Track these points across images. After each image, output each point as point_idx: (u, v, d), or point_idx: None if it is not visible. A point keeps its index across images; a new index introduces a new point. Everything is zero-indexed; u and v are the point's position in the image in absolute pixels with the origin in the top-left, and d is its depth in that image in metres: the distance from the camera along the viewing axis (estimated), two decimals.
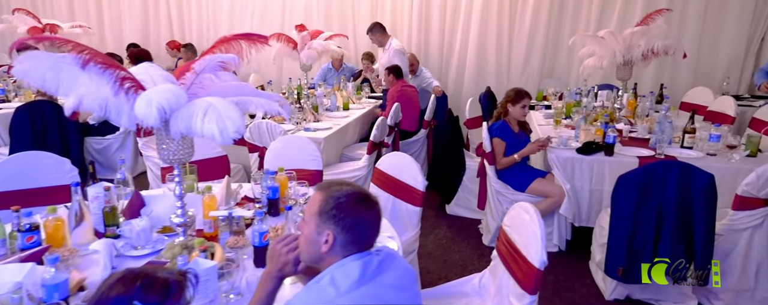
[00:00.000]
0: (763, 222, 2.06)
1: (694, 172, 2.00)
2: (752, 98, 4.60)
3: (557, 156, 2.74)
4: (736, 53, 4.79)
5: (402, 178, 2.05)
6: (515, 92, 2.85)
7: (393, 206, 2.09)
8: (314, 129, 3.28)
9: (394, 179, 2.09)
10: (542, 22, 5.22)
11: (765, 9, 4.62)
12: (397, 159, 2.10)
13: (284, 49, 4.02)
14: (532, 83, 5.39)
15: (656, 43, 3.31)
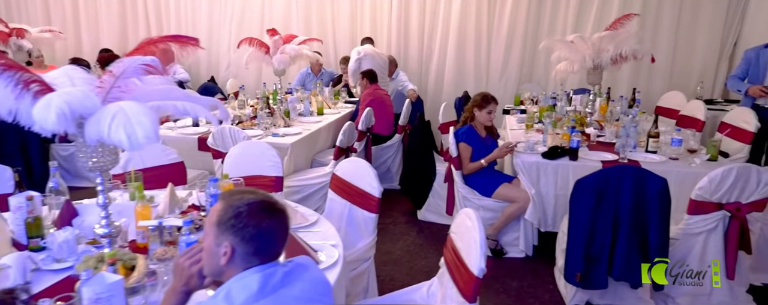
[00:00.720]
0: (717, 226, 2.06)
1: (648, 176, 2.00)
2: (725, 102, 4.66)
3: (523, 161, 2.74)
4: (710, 58, 4.86)
5: (358, 184, 2.03)
6: (482, 96, 2.85)
7: (350, 212, 2.06)
8: (283, 135, 3.25)
9: (350, 185, 2.07)
10: (520, 26, 5.26)
11: (736, 13, 4.69)
12: (354, 165, 2.08)
13: (256, 53, 4.00)
14: (511, 87, 5.42)
15: (624, 47, 3.33)
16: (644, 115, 3.67)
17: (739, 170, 1.98)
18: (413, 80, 5.72)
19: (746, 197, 2.03)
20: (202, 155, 3.18)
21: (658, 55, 4.95)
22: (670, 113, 4.30)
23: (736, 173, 1.98)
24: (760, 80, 3.47)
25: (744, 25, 4.66)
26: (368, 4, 5.68)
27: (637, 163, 2.60)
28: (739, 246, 2.06)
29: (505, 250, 2.88)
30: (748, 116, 3.30)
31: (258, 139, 3.12)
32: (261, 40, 4.06)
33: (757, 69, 3.48)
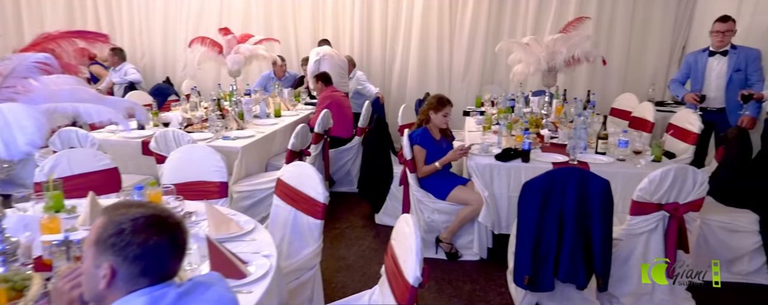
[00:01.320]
0: (657, 226, 2.12)
1: (591, 178, 2.03)
2: (675, 104, 4.83)
3: (476, 163, 2.75)
4: (660, 61, 5.05)
5: (303, 189, 1.97)
6: (437, 99, 2.84)
7: (294, 219, 2.00)
8: (234, 138, 3.15)
9: (295, 191, 2.01)
10: (481, 28, 5.32)
11: (684, 18, 4.88)
12: (299, 170, 2.02)
13: (209, 53, 3.87)
14: (473, 89, 5.47)
15: (577, 50, 3.41)
16: (597, 117, 3.75)
17: (676, 172, 2.04)
18: (377, 81, 5.72)
19: (684, 198, 2.09)
20: (148, 160, 3.05)
21: (612, 58, 5.12)
22: (624, 115, 4.43)
23: (674, 175, 2.04)
24: (699, 84, 3.57)
25: (691, 29, 4.86)
26: (330, 4, 5.63)
27: (586, 164, 2.65)
28: (678, 245, 2.11)
29: (460, 253, 2.87)
30: (692, 117, 3.42)
31: (207, 142, 3.02)
32: (214, 40, 3.94)
33: (697, 73, 3.56)
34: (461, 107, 5.29)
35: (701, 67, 3.52)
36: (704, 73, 3.51)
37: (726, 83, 3.40)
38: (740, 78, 3.34)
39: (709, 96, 3.49)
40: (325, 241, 3.08)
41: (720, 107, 3.46)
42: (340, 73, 4.85)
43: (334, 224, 3.39)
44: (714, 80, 3.47)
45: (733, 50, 3.39)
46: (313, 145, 3.54)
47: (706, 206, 2.65)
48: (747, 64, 3.31)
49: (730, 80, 3.38)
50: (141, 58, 6.33)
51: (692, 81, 3.63)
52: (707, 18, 4.50)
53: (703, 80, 3.52)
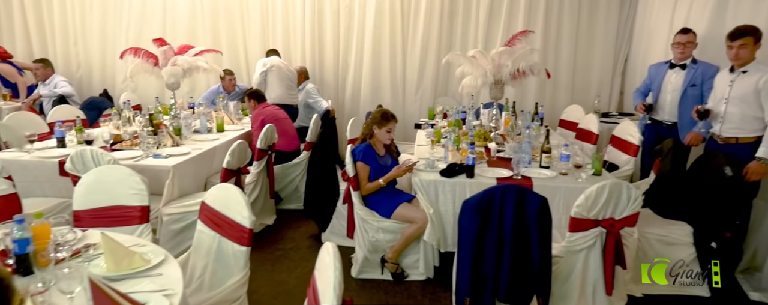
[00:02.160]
0: (595, 243, 2.12)
1: (528, 195, 2.02)
2: (620, 115, 5.01)
3: (420, 179, 2.69)
4: (605, 73, 5.24)
5: (228, 214, 1.84)
6: (381, 114, 2.78)
7: (219, 246, 1.86)
8: (166, 155, 2.96)
9: (220, 215, 1.87)
10: (433, 40, 5.35)
11: (625, 32, 5.10)
12: (225, 192, 1.89)
13: (144, 65, 3.66)
14: (427, 101, 5.48)
15: (521, 63, 3.45)
16: (541, 129, 3.79)
17: (611, 187, 2.06)
18: (329, 93, 5.63)
19: (619, 213, 2.11)
20: (67, 181, 2.81)
21: (560, 70, 5.28)
22: (571, 126, 4.54)
23: (609, 190, 2.06)
24: (656, 95, 3.49)
25: (632, 43, 5.07)
26: (280, 15, 5.52)
27: (529, 179, 2.65)
28: (615, 261, 2.13)
29: (407, 273, 2.80)
30: (632, 129, 3.53)
31: (135, 161, 2.83)
32: (149, 51, 3.73)
33: (656, 85, 3.48)
34: (415, 119, 5.31)
35: (659, 79, 3.44)
36: (661, 86, 3.43)
37: (680, 97, 3.28)
38: (695, 94, 3.20)
39: (664, 109, 3.41)
40: (265, 264, 2.96)
41: (674, 122, 3.34)
42: (289, 85, 4.74)
43: (278, 245, 3.25)
44: (669, 93, 3.37)
45: (692, 64, 3.27)
46: (256, 161, 3.40)
47: (644, 219, 2.72)
48: (703, 80, 3.15)
49: (684, 94, 3.26)
50: (76, 70, 5.97)
51: (652, 93, 3.55)
52: (644, 32, 4.73)
53: (660, 92, 3.45)
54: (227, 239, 1.83)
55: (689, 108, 3.09)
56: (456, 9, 5.31)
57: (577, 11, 5.09)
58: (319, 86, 5.61)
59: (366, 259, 2.79)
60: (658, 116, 3.49)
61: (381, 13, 5.36)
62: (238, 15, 5.61)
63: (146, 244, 1.66)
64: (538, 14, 5.10)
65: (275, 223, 3.67)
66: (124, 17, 5.68)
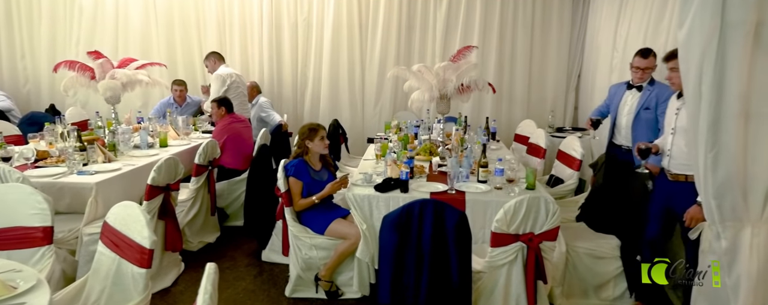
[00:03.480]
0: (516, 257, 2.13)
1: (446, 210, 2.02)
2: (573, 130, 5.11)
3: (354, 195, 2.67)
4: (559, 89, 5.37)
5: (128, 233, 1.78)
6: (307, 127, 2.77)
7: (118, 268, 1.80)
8: (93, 172, 2.87)
9: (120, 235, 1.81)
10: (391, 54, 5.42)
11: (577, 48, 5.24)
12: (125, 211, 1.83)
13: (79, 79, 3.57)
14: (386, 115, 5.52)
15: (465, 77, 3.50)
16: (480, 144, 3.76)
17: (529, 202, 2.08)
18: (288, 107, 5.62)
19: (539, 228, 2.13)
20: None
21: (515, 86, 5.39)
22: (525, 141, 4.60)
23: (527, 205, 2.07)
24: (613, 117, 3.27)
25: (584, 60, 5.21)
26: (237, 28, 5.50)
27: (463, 194, 2.66)
28: (537, 276, 2.13)
29: (341, 291, 2.76)
30: (575, 143, 3.60)
31: (55, 178, 2.73)
32: (85, 64, 3.65)
33: (613, 106, 3.26)
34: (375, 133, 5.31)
35: (617, 100, 3.20)
36: (618, 108, 3.17)
37: (633, 119, 3.04)
38: (649, 117, 2.94)
39: (621, 133, 3.16)
40: (195, 285, 2.85)
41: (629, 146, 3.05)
42: (244, 99, 4.70)
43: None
44: (625, 115, 3.12)
45: (648, 86, 3.01)
46: (194, 177, 3.33)
47: (577, 232, 2.76)
48: (658, 103, 2.88)
49: (637, 117, 3.00)
50: (24, 85, 5.81)
51: (610, 114, 3.32)
52: (593, 50, 4.87)
53: (617, 114, 3.20)
54: (127, 261, 1.76)
55: (642, 132, 2.87)
56: (414, 23, 5.40)
57: (530, 28, 5.23)
58: (278, 100, 5.61)
59: (299, 277, 2.74)
60: (616, 140, 3.22)
61: (339, 26, 5.41)
62: (195, 28, 5.58)
63: (22, 269, 1.58)
64: (493, 30, 5.22)
65: (218, 241, 3.59)
66: (74, 30, 5.58)
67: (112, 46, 5.51)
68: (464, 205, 2.59)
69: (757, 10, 1.57)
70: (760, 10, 1.57)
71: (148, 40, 5.57)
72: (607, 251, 2.52)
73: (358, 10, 5.37)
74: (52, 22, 5.61)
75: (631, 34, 3.77)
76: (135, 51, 5.47)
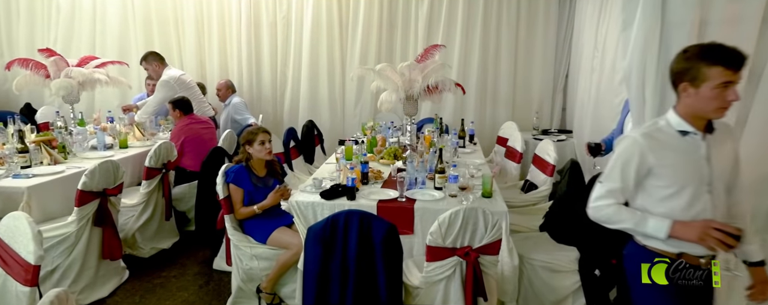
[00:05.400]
0: (454, 272, 1.95)
1: (374, 222, 1.86)
2: (559, 132, 4.89)
3: (297, 202, 2.51)
4: (545, 90, 5.14)
5: (15, 247, 1.64)
6: (248, 131, 2.62)
7: (3, 286, 1.66)
8: (31, 176, 2.75)
9: (8, 249, 1.67)
10: (372, 53, 5.25)
11: (565, 48, 5.01)
12: (14, 222, 1.69)
13: (32, 77, 3.47)
14: (367, 116, 5.35)
15: (431, 78, 3.31)
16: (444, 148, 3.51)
17: (465, 213, 1.90)
18: (267, 107, 5.49)
19: (478, 241, 1.95)
20: None
21: (499, 86, 5.18)
22: (505, 143, 4.40)
23: (464, 216, 1.90)
24: None
25: (571, 60, 4.98)
26: (216, 27, 5.38)
27: (412, 201, 2.48)
28: (475, 292, 1.94)
29: (285, 304, 2.59)
30: (550, 147, 3.40)
31: None
32: (40, 62, 3.54)
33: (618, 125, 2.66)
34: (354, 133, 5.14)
35: (621, 119, 2.63)
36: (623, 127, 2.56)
37: None
38: None
39: None
40: (136, 294, 2.74)
41: None
42: (200, 98, 4.52)
43: (161, 272, 3.04)
44: None
45: None
46: (145, 181, 3.20)
47: (537, 244, 2.56)
48: None
49: None
50: (2, 84, 5.75)
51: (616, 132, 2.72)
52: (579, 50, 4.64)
53: None
54: (12, 278, 1.62)
55: None
56: (395, 22, 5.23)
57: (515, 26, 5.03)
58: (257, 100, 5.48)
59: (241, 289, 2.59)
60: (594, 155, 2.71)
61: (318, 25, 5.26)
62: (173, 27, 5.48)
63: None
64: (476, 28, 5.03)
65: (174, 246, 3.46)
66: (52, 29, 5.52)
67: (89, 46, 5.45)
68: (412, 214, 2.41)
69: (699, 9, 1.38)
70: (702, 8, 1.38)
71: (125, 39, 5.49)
72: (564, 264, 2.33)
73: (337, 7, 5.22)
74: (30, 22, 5.56)
75: (610, 32, 3.55)
76: (112, 50, 5.40)
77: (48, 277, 2.52)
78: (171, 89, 4.08)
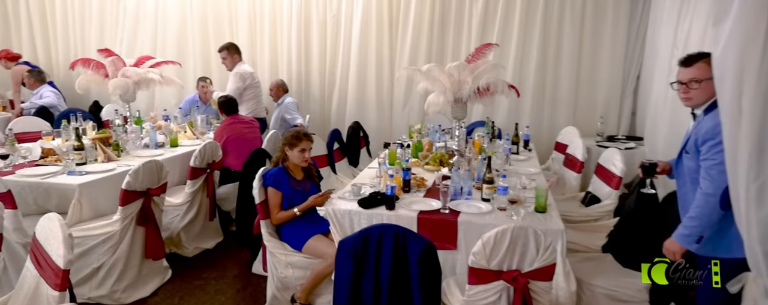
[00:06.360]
0: (500, 298, 1.75)
1: (410, 238, 1.70)
2: (627, 139, 4.47)
3: (334, 209, 2.41)
4: (613, 92, 4.73)
5: (48, 249, 1.65)
6: (293, 133, 2.55)
7: (36, 289, 1.67)
8: (84, 173, 2.85)
9: (43, 251, 1.69)
10: (423, 52, 5.09)
11: (636, 46, 4.57)
12: (49, 224, 1.70)
13: (93, 77, 3.63)
14: (415, 118, 5.20)
15: (483, 79, 3.09)
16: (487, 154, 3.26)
17: (514, 233, 1.69)
18: (315, 107, 5.49)
19: (528, 264, 1.73)
20: None
21: (560, 87, 4.83)
22: (565, 150, 4.07)
23: (512, 236, 1.69)
24: None
25: (644, 59, 4.53)
26: (267, 26, 5.46)
27: (456, 214, 2.29)
28: None
29: None
30: (617, 157, 3.08)
31: (42, 178, 2.74)
32: (100, 61, 3.71)
33: None
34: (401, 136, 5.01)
35: None
36: None
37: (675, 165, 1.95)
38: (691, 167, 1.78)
39: None
40: (174, 297, 2.76)
41: None
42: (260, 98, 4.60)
43: (203, 273, 3.06)
44: None
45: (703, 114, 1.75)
46: (190, 181, 3.25)
47: (600, 267, 2.28)
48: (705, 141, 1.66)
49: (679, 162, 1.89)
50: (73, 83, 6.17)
51: None
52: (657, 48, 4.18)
53: None
54: (44, 281, 1.63)
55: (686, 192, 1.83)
56: (447, 20, 5.03)
57: (579, 21, 4.65)
58: (306, 99, 5.50)
59: (275, 297, 2.54)
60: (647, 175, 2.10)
61: (368, 23, 5.17)
62: (227, 26, 5.61)
63: None
64: (535, 25, 4.71)
65: (217, 247, 3.49)
66: (118, 30, 5.84)
67: (151, 45, 5.71)
68: (455, 227, 2.23)
69: None
70: None
71: (183, 38, 5.69)
72: (632, 293, 2.05)
73: (388, 5, 5.10)
74: (101, 23, 5.91)
75: (695, 28, 3.14)
76: (171, 50, 5.62)
77: (93, 275, 2.60)
78: (243, 81, 4.18)
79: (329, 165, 3.89)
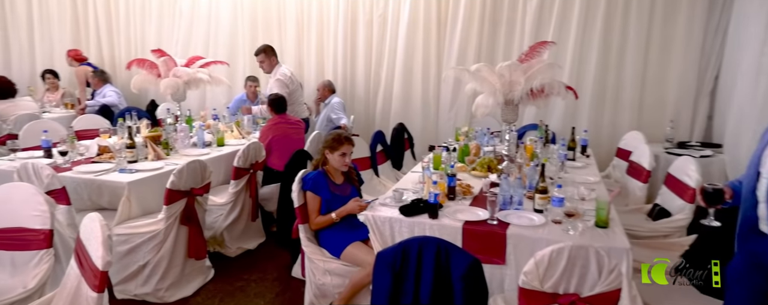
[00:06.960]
0: None
1: (453, 253, 1.57)
2: (702, 146, 4.06)
3: (374, 216, 2.31)
4: (685, 93, 4.32)
5: (89, 249, 1.66)
6: (334, 137, 2.48)
7: (78, 289, 1.69)
8: (134, 171, 2.93)
9: (85, 251, 1.70)
10: (472, 51, 4.91)
11: (715, 42, 4.15)
12: (91, 224, 1.71)
13: (147, 77, 3.76)
14: (462, 120, 5.02)
15: (536, 80, 2.89)
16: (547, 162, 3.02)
17: (572, 252, 1.51)
18: (360, 107, 5.44)
19: (589, 288, 1.54)
20: None
21: (622, 87, 4.50)
22: (628, 157, 3.75)
23: (569, 256, 1.51)
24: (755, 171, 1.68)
25: (724, 56, 4.10)
26: (315, 26, 5.48)
27: (505, 226, 2.13)
28: None
29: None
30: (691, 166, 2.77)
31: (95, 175, 2.83)
32: (153, 62, 3.83)
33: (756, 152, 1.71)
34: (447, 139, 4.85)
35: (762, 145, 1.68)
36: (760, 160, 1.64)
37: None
38: None
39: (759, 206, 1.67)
40: (215, 298, 2.77)
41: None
42: (301, 99, 4.60)
43: (243, 275, 3.06)
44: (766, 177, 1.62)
45: None
46: (233, 181, 3.27)
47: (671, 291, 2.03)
48: None
49: None
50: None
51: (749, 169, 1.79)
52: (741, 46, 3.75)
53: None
54: (85, 282, 1.64)
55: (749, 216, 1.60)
56: (499, 18, 4.81)
57: (647, 18, 4.29)
58: (350, 99, 5.46)
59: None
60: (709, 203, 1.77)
61: (415, 22, 5.06)
62: (276, 26, 5.69)
63: None
64: (596, 21, 4.40)
65: (259, 247, 3.50)
66: (174, 31, 6.07)
67: (203, 46, 5.89)
68: (504, 240, 2.06)
69: None
70: None
71: (234, 39, 5.83)
72: None
73: (436, 3, 4.96)
74: (159, 24, 6.18)
75: None
76: (224, 50, 5.77)
77: (139, 272, 2.65)
78: (286, 86, 4.19)
79: (372, 168, 3.80)
